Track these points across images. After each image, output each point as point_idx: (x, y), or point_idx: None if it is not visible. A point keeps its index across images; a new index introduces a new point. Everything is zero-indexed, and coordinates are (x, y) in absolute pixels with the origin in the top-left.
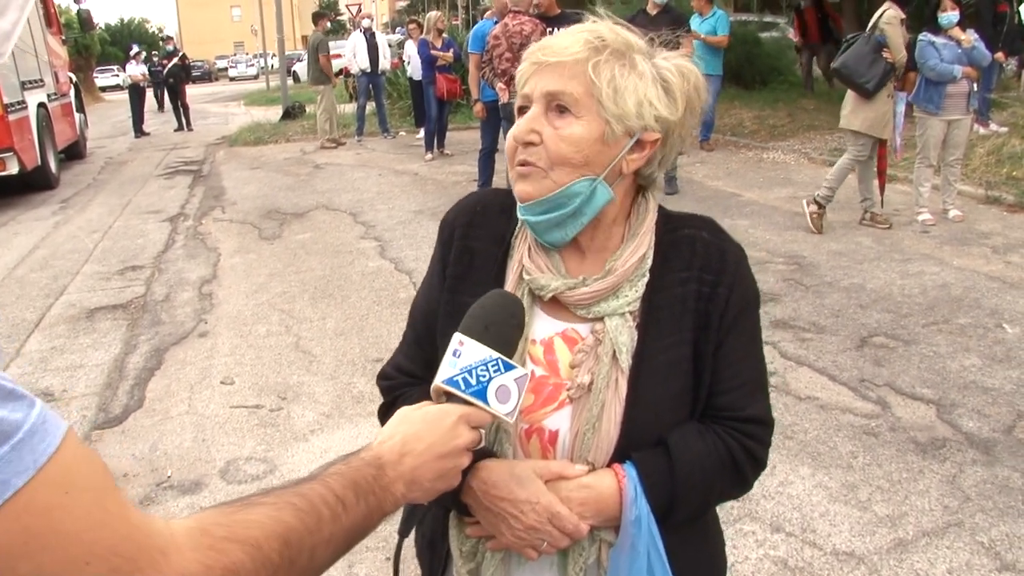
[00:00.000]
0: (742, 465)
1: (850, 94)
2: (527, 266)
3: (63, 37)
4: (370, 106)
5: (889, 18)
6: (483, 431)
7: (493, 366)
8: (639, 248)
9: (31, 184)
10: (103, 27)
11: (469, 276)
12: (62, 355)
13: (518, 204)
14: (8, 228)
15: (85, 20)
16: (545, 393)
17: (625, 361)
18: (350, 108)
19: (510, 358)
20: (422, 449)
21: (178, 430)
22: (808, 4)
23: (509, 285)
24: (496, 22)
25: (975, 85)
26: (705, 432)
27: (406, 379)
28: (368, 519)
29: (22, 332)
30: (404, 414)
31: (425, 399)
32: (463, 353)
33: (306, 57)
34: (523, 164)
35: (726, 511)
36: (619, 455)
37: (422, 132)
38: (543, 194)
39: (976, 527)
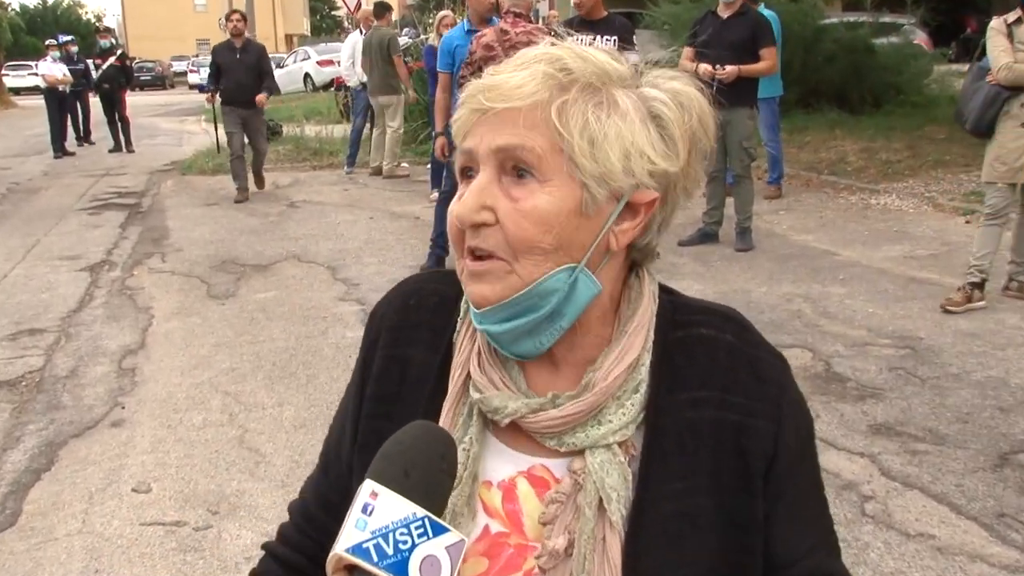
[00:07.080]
0: None
1: None
2: (477, 381)
3: None
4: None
5: (990, 30)
6: None
7: (418, 528)
8: (628, 352)
9: None
10: (16, 10)
11: (398, 397)
12: None
13: (471, 307)
14: None
15: None
16: (504, 558)
17: (616, 513)
18: (339, 130)
19: (439, 516)
20: None
21: (63, 558)
22: None
23: (448, 405)
24: (471, 31)
25: None
26: None
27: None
28: None
29: None
30: None
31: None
32: (376, 509)
33: (343, 60)
34: (476, 255)
35: None
36: None
37: (428, 166)
38: (507, 296)
39: None
